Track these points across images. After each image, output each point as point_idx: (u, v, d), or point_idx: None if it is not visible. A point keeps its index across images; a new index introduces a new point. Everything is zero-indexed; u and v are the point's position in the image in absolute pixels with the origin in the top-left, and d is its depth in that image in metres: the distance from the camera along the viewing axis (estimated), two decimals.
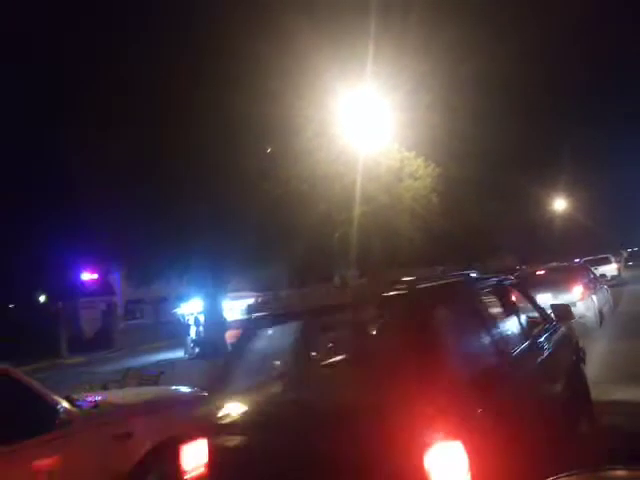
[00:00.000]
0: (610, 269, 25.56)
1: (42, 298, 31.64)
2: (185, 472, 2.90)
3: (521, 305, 4.73)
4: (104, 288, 32.24)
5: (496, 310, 4.11)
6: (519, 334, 3.87)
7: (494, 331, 3.29)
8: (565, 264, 14.18)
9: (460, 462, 2.14)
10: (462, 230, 23.75)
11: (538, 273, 12.64)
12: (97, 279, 32.02)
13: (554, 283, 11.38)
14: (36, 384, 3.69)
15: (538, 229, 35.82)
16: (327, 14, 15.49)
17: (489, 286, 4.04)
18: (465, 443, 2.15)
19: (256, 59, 14.66)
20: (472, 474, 2.15)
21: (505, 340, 3.42)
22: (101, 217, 16.19)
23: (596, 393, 5.09)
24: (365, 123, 16.41)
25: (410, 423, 2.16)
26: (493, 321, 3.52)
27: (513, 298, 4.74)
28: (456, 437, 2.15)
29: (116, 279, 31.22)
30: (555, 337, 4.42)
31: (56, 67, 15.89)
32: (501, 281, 4.39)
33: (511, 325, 3.88)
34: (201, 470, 2.87)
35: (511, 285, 4.70)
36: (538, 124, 27.53)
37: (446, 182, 19.76)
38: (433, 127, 17.35)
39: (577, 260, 18.34)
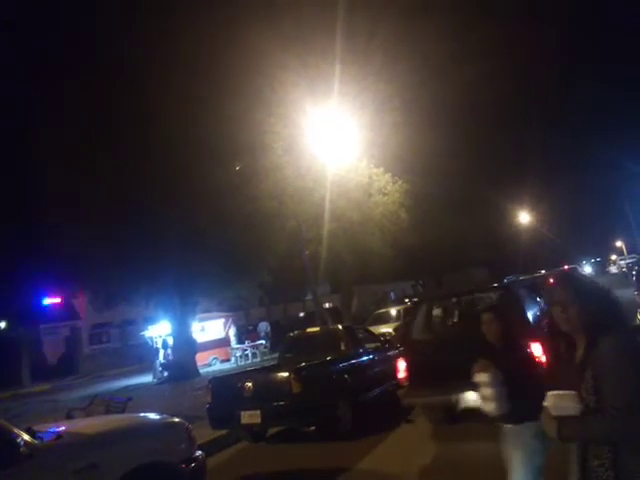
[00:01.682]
0: None
1: (2, 324, 30.37)
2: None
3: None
4: (67, 312, 31.17)
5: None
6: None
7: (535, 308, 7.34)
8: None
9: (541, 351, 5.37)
10: (430, 245, 24.05)
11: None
12: (60, 303, 30.94)
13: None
14: None
15: (505, 242, 36.58)
16: (295, 35, 15.72)
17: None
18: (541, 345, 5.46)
19: (225, 77, 14.66)
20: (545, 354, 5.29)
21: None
22: (62, 239, 15.71)
23: None
24: (333, 140, 16.56)
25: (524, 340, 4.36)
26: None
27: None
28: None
29: (80, 303, 30.28)
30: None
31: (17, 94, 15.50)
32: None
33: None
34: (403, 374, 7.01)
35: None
36: (503, 139, 28.42)
37: (413, 198, 20.06)
38: (399, 145, 17.71)
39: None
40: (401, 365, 7.04)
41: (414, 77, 17.23)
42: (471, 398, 3.54)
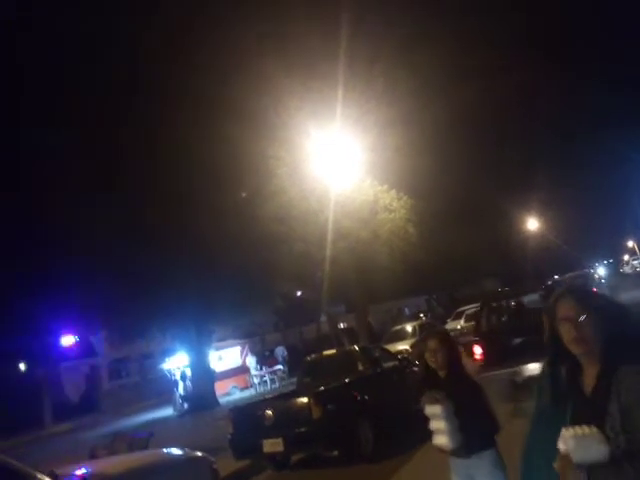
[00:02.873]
0: None
1: (22, 366, 30.55)
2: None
3: None
4: (86, 350, 31.33)
5: None
6: None
7: None
8: None
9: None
10: (440, 258, 23.99)
11: None
12: (78, 341, 31.12)
13: None
14: (12, 462, 3.48)
15: (514, 251, 36.37)
16: (298, 60, 16.05)
17: None
18: None
19: (229, 103, 14.92)
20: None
21: None
22: (77, 278, 15.91)
23: None
24: (337, 162, 16.77)
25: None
26: None
27: None
28: None
29: (97, 339, 30.44)
30: None
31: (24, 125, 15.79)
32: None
33: None
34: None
35: None
36: (508, 148, 28.55)
37: (420, 213, 20.12)
38: (403, 165, 17.92)
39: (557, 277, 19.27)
40: (477, 350, 10.46)
41: (415, 99, 17.53)
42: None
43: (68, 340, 30.41)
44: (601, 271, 44.54)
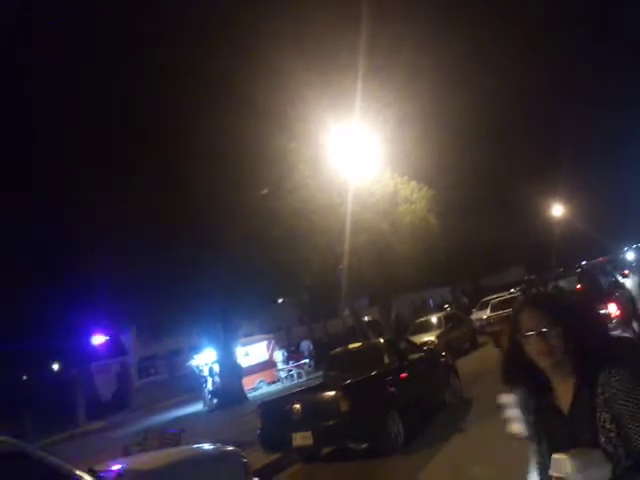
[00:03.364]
0: None
1: (55, 367, 31.37)
2: None
3: None
4: (116, 349, 32.00)
5: None
6: None
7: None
8: None
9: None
10: (464, 248, 23.75)
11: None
12: (108, 340, 31.80)
13: None
14: (52, 459, 3.57)
15: (540, 238, 35.79)
16: (318, 54, 16.02)
17: None
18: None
19: (248, 97, 14.94)
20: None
21: None
22: (106, 278, 16.20)
23: None
24: (357, 154, 16.72)
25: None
26: None
27: None
28: None
29: (127, 338, 31.05)
30: None
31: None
32: None
33: None
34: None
35: None
36: (532, 132, 28.13)
37: (442, 203, 19.95)
38: (423, 156, 17.79)
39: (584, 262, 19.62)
40: (612, 307, 9.93)
41: (436, 92, 17.41)
42: None
43: (99, 339, 31.10)
44: (630, 255, 43.54)
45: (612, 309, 9.70)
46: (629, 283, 15.14)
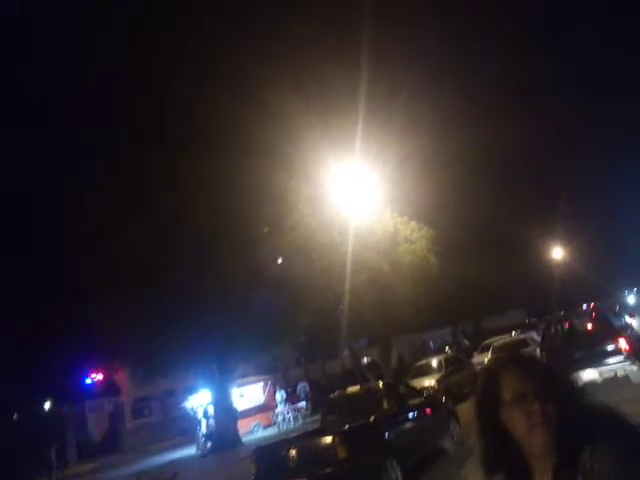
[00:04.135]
0: None
1: (47, 405, 30.68)
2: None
3: None
4: (110, 388, 31.37)
5: None
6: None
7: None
8: None
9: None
10: (464, 289, 23.66)
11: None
12: (102, 379, 31.22)
13: None
14: None
15: (540, 280, 35.69)
16: (319, 97, 16.40)
17: None
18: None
19: (250, 137, 15.18)
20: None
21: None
22: (101, 317, 16.07)
23: None
24: (357, 194, 16.87)
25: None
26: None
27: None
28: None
29: (121, 378, 30.49)
30: None
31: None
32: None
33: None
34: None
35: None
36: (532, 174, 28.53)
37: (442, 243, 20.00)
38: (422, 197, 18.01)
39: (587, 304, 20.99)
40: (622, 343, 11.36)
41: (435, 134, 17.80)
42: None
43: (92, 379, 30.58)
44: (631, 299, 43.27)
45: (622, 344, 11.30)
46: (635, 323, 17.55)
